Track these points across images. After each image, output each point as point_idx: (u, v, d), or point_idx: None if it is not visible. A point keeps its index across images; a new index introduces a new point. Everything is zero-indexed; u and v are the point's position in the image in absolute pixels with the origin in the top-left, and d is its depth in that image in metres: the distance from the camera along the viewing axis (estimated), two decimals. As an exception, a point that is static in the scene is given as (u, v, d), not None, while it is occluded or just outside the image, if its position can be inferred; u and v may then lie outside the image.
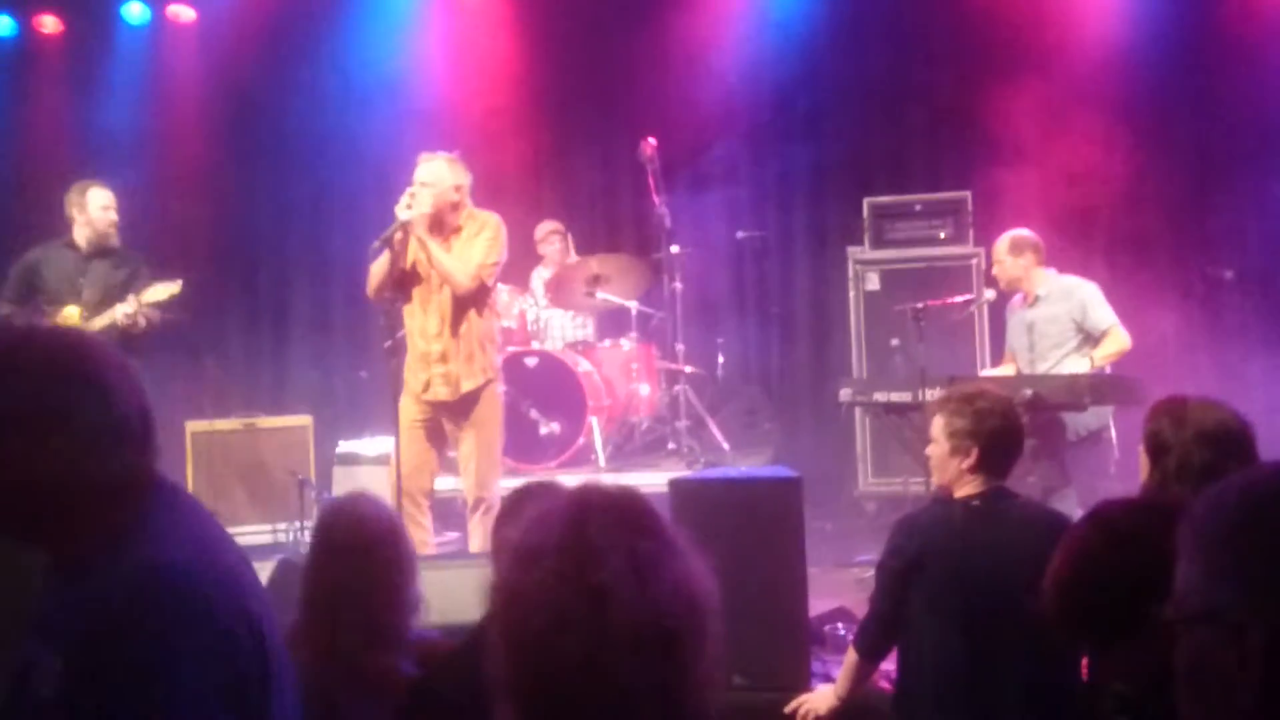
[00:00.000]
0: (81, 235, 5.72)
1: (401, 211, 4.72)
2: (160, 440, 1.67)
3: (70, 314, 5.63)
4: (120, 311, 5.49)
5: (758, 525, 3.77)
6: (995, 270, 5.86)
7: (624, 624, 1.22)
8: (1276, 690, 1.04)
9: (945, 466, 3.04)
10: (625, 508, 1.33)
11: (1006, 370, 5.91)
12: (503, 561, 1.36)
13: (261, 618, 1.55)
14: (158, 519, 1.56)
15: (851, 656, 3.22)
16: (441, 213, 4.83)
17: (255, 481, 6.60)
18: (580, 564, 1.24)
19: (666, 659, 1.24)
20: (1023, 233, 5.84)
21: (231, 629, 1.48)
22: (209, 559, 1.55)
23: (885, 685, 3.37)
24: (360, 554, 2.66)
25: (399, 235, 4.76)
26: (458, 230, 4.90)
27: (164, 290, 5.57)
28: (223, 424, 6.71)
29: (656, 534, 1.31)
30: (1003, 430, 2.94)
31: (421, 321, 4.92)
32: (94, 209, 5.72)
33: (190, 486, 6.48)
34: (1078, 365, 5.54)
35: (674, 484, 3.91)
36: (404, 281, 4.90)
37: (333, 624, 2.60)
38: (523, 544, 1.31)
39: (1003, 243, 5.82)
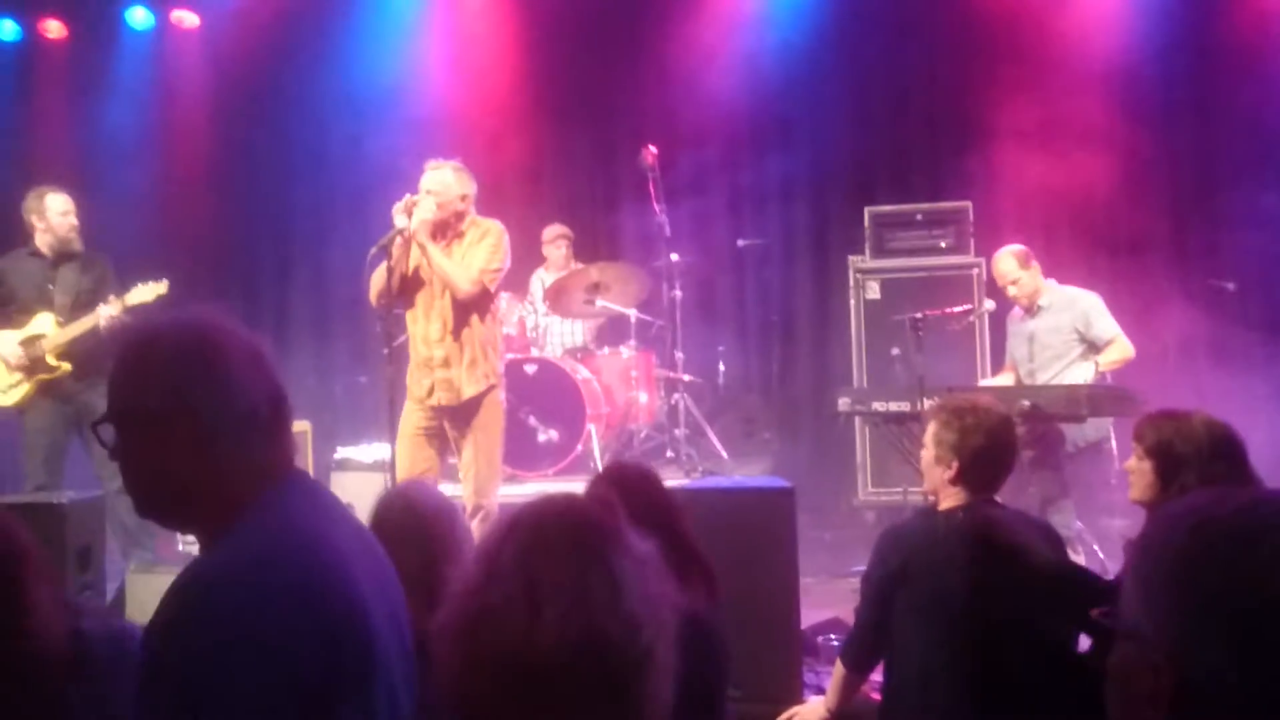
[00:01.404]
0: (44, 241, 5.73)
1: (399, 219, 4.72)
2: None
3: (44, 320, 5.64)
4: (104, 314, 5.49)
5: (750, 535, 3.77)
6: (1014, 290, 5.77)
7: (499, 649, 1.20)
8: None
9: (931, 474, 3.06)
10: (555, 530, 1.29)
11: (1006, 379, 5.89)
12: (465, 570, 1.36)
13: (368, 612, 1.56)
14: (268, 512, 1.59)
15: (839, 669, 3.21)
16: (446, 220, 4.83)
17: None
18: (483, 577, 1.24)
19: (530, 694, 1.20)
20: (1017, 247, 5.84)
21: (293, 629, 1.47)
22: (294, 557, 1.55)
23: (876, 696, 3.35)
24: (417, 538, 2.70)
25: (397, 242, 4.75)
26: (461, 236, 4.89)
27: (150, 291, 5.56)
28: (222, 429, 6.70)
29: (581, 564, 1.25)
30: (985, 449, 2.92)
31: (424, 327, 4.91)
32: (53, 215, 5.73)
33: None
34: (1081, 372, 5.52)
35: (667, 493, 3.89)
36: (406, 287, 4.89)
37: None
38: (475, 548, 1.32)
39: (1008, 262, 5.76)
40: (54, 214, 5.74)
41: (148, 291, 5.56)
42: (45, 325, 5.63)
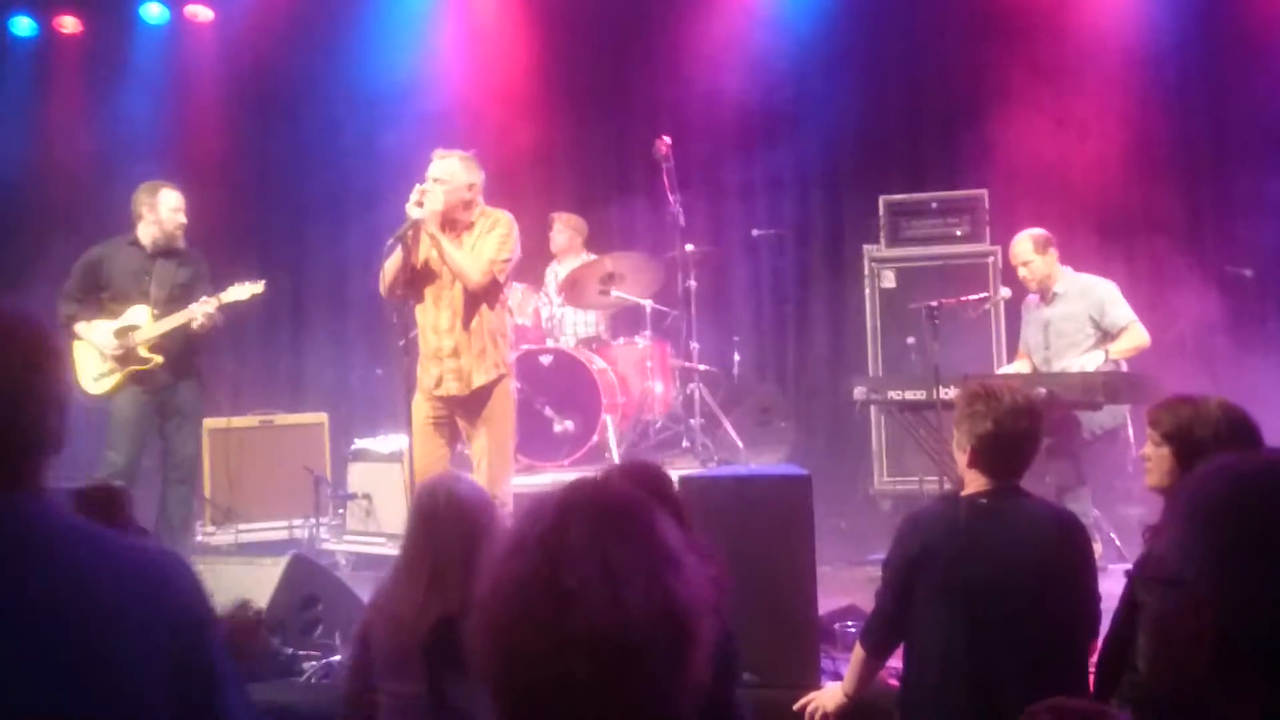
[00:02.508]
0: (148, 234, 5.76)
1: (412, 209, 4.73)
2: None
3: (139, 312, 5.68)
4: (200, 311, 5.57)
5: (767, 523, 3.77)
6: (1024, 272, 5.80)
7: (586, 631, 1.20)
8: (1226, 664, 1.11)
9: (956, 459, 3.08)
10: (613, 509, 1.31)
11: (1020, 366, 5.89)
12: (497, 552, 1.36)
13: None
14: None
15: (858, 653, 3.22)
16: (454, 210, 4.84)
17: (271, 478, 6.64)
18: (554, 564, 1.23)
19: (628, 670, 1.22)
20: (1038, 231, 5.81)
21: None
22: None
23: (894, 682, 3.35)
24: (458, 525, 2.81)
25: (411, 232, 4.77)
26: (470, 227, 4.90)
27: (246, 290, 5.67)
28: (239, 421, 6.75)
29: (642, 540, 1.28)
30: (993, 435, 2.91)
31: (434, 318, 4.92)
32: (164, 210, 5.76)
33: (208, 483, 6.54)
34: (1094, 360, 5.51)
35: (684, 481, 3.91)
36: (416, 278, 4.91)
37: (429, 590, 2.76)
38: (513, 533, 1.31)
39: (1025, 244, 5.77)
40: (166, 209, 5.77)
41: (243, 291, 5.63)
42: (140, 317, 5.68)
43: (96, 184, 7.53)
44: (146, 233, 5.76)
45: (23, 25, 8.15)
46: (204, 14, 8.15)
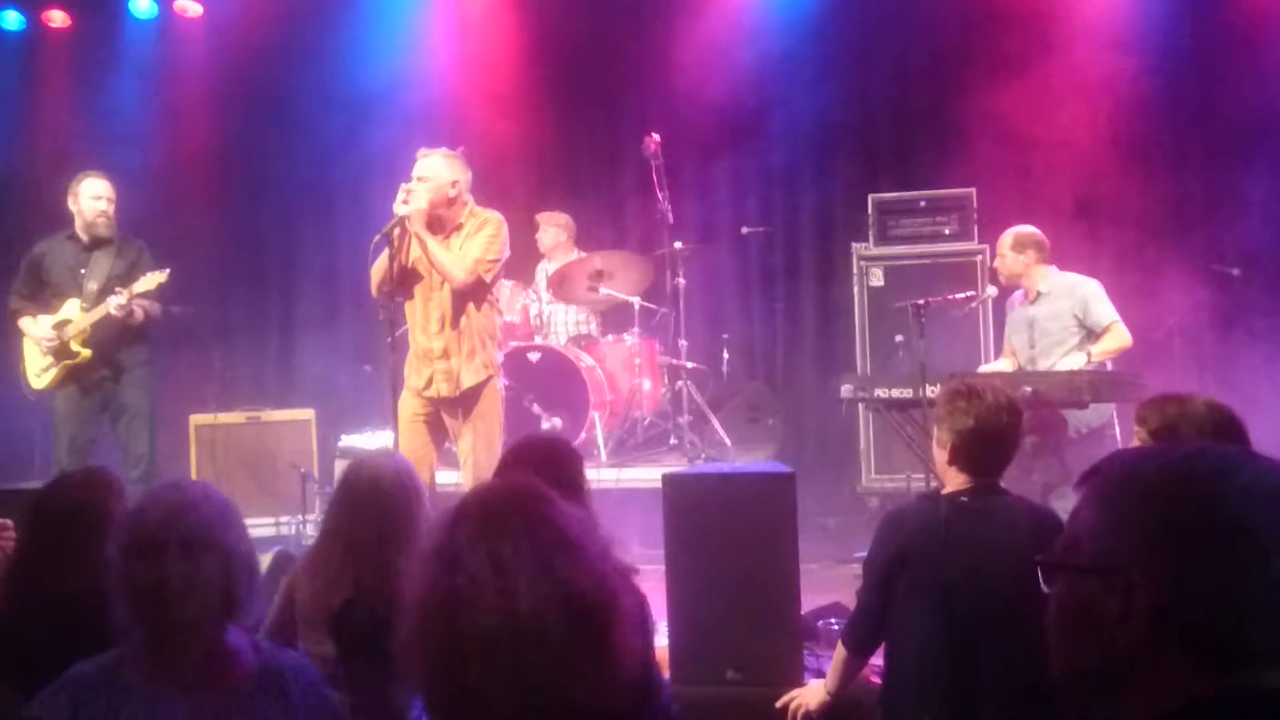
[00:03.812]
0: (78, 225, 5.77)
1: (398, 207, 4.73)
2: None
3: (72, 305, 5.67)
4: (112, 304, 5.52)
5: (751, 521, 3.77)
6: (996, 264, 5.87)
7: (482, 627, 1.23)
8: (1151, 643, 1.15)
9: (935, 456, 3.09)
10: (499, 506, 1.34)
11: (1005, 364, 5.89)
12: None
13: None
14: None
15: (840, 651, 3.23)
16: (439, 208, 4.83)
17: (258, 474, 6.64)
18: (446, 568, 1.27)
19: (522, 661, 1.23)
20: (1027, 229, 5.82)
21: None
22: None
23: (876, 680, 3.36)
24: (376, 505, 2.83)
25: (397, 231, 4.76)
26: (459, 227, 4.90)
27: (152, 280, 5.60)
28: (226, 417, 6.75)
29: (530, 531, 1.30)
30: (975, 432, 2.92)
31: (422, 318, 4.92)
32: (85, 199, 5.76)
33: (194, 478, 6.52)
34: (1075, 363, 5.52)
35: (667, 479, 3.90)
36: (404, 278, 4.91)
37: (342, 566, 2.78)
38: (424, 546, 1.35)
39: (1006, 238, 5.82)
40: (85, 198, 5.77)
41: (150, 280, 5.59)
42: (72, 311, 5.67)
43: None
44: (78, 224, 5.76)
45: (10, 19, 8.12)
46: (193, 9, 8.13)
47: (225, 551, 2.08)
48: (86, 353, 5.63)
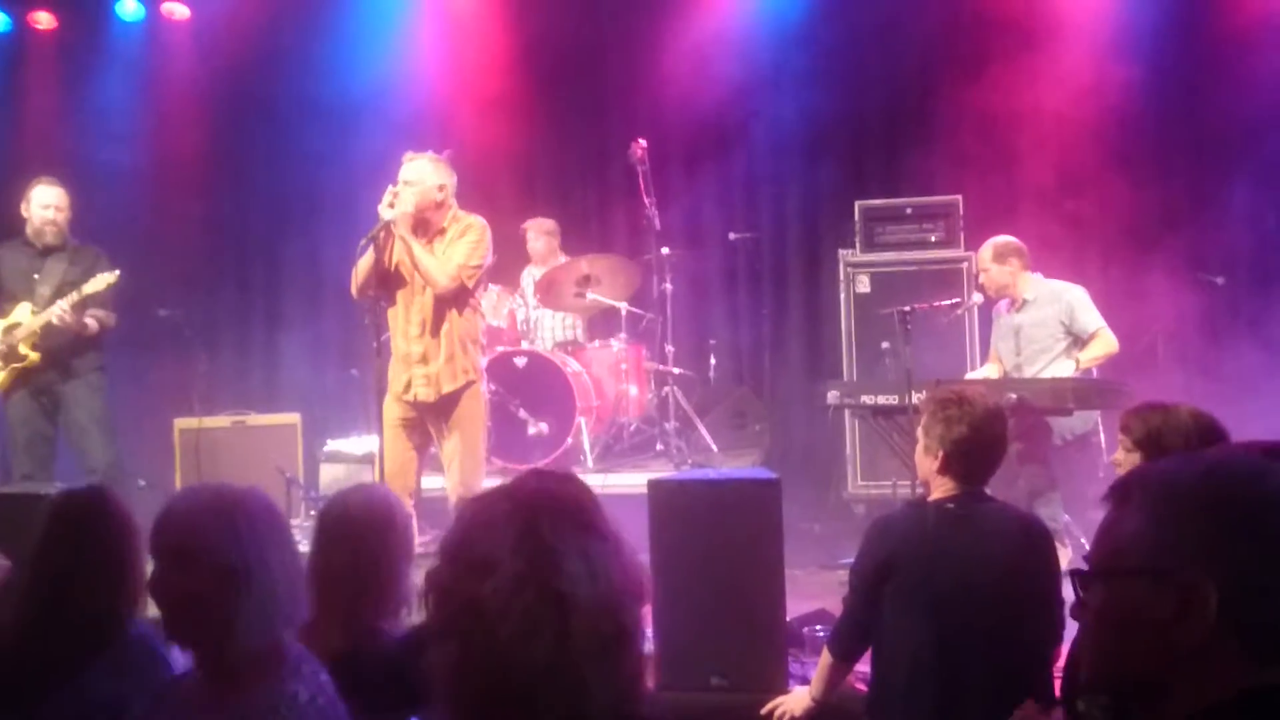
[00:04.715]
0: (29, 231, 5.77)
1: (384, 210, 4.72)
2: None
3: (24, 309, 5.66)
4: (55, 311, 5.52)
5: (737, 527, 3.77)
6: (982, 279, 5.88)
7: (585, 627, 1.22)
8: (1209, 639, 1.19)
9: (921, 464, 3.08)
10: (573, 506, 1.32)
11: (990, 370, 5.91)
12: (445, 568, 1.32)
13: None
14: None
15: (826, 658, 3.23)
16: (425, 212, 4.82)
17: (243, 478, 6.52)
18: (540, 569, 1.23)
19: (619, 655, 1.25)
20: (1005, 239, 5.84)
21: None
22: None
23: (861, 687, 3.36)
24: (346, 544, 2.68)
25: (382, 234, 4.76)
26: (442, 232, 4.89)
27: (101, 281, 5.60)
28: (211, 421, 6.71)
29: (602, 530, 1.31)
30: (968, 439, 2.92)
31: (404, 323, 4.92)
32: (34, 206, 5.78)
33: (178, 482, 6.49)
34: (1064, 368, 5.54)
35: (653, 484, 3.90)
36: (387, 282, 4.90)
37: (319, 614, 2.60)
38: (472, 550, 1.28)
39: (986, 251, 5.83)
40: (35, 205, 5.78)
41: (100, 282, 5.60)
42: (23, 314, 5.66)
43: (69, 180, 7.47)
44: (29, 230, 5.77)
45: (-4, 20, 8.09)
46: (180, 12, 8.10)
47: (215, 564, 1.99)
48: (35, 356, 5.64)
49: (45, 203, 5.76)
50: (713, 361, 7.57)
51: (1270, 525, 1.20)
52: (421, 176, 4.81)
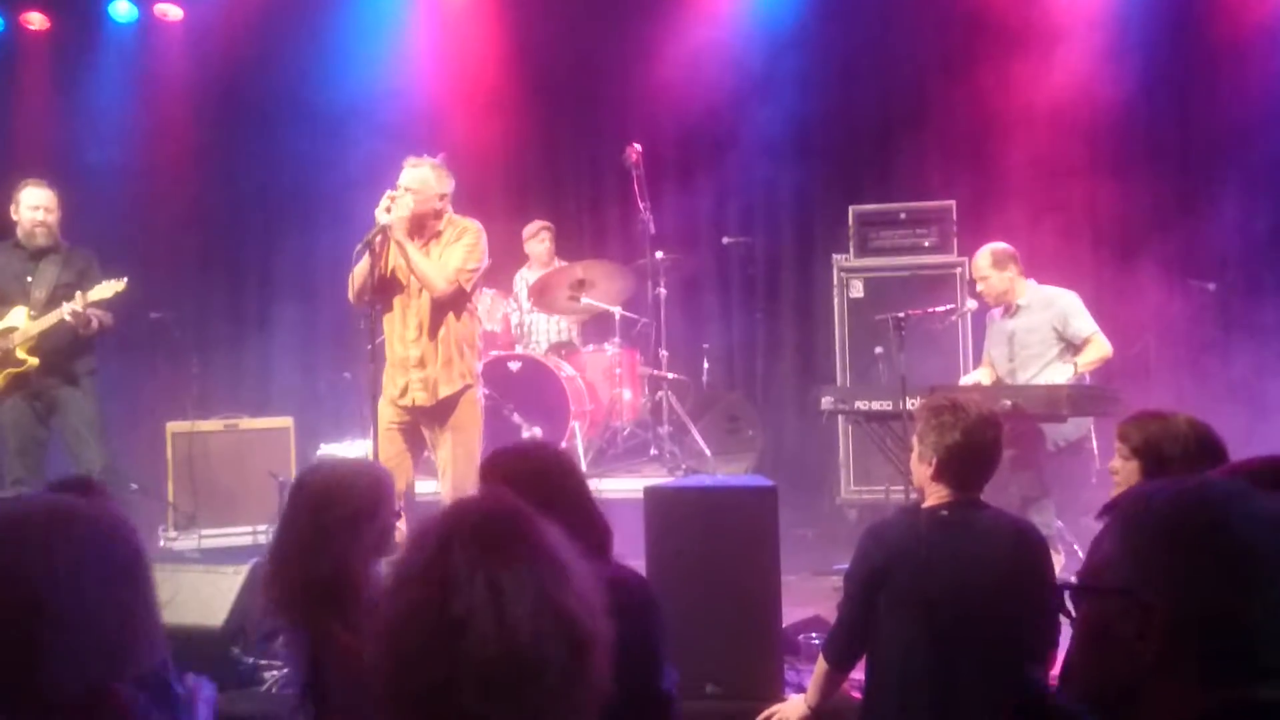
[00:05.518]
0: (19, 234, 5.74)
1: (381, 215, 4.71)
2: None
3: (18, 313, 5.63)
4: (67, 309, 5.49)
5: (732, 534, 3.77)
6: (981, 287, 5.85)
7: (479, 657, 1.20)
8: (1166, 659, 1.25)
9: (915, 470, 3.08)
10: (495, 530, 1.29)
11: (983, 375, 5.92)
12: (388, 573, 1.34)
13: None
14: None
15: (821, 665, 3.22)
16: (423, 218, 4.82)
17: (236, 483, 6.58)
18: (442, 593, 1.22)
19: (526, 691, 1.21)
20: (999, 246, 5.85)
21: None
22: None
23: (856, 694, 3.36)
24: (318, 511, 2.65)
25: (379, 238, 4.75)
26: (437, 235, 4.88)
27: (108, 288, 5.56)
28: (204, 425, 6.69)
29: (526, 557, 1.27)
30: (961, 446, 2.93)
31: (400, 327, 4.90)
32: (23, 208, 5.75)
33: (171, 487, 6.48)
34: (1060, 373, 5.54)
35: (649, 491, 3.90)
36: (384, 286, 4.88)
37: (288, 576, 2.63)
38: (399, 564, 1.30)
39: (984, 258, 5.82)
40: (23, 207, 5.75)
41: (107, 288, 5.56)
42: (18, 319, 5.63)
43: (62, 181, 7.45)
44: (19, 233, 5.74)
45: (-12, 21, 8.07)
46: (173, 13, 8.09)
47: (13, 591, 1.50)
48: (33, 361, 5.60)
49: (34, 204, 5.74)
50: (706, 366, 7.58)
51: (1226, 553, 1.24)
52: (424, 184, 4.80)
